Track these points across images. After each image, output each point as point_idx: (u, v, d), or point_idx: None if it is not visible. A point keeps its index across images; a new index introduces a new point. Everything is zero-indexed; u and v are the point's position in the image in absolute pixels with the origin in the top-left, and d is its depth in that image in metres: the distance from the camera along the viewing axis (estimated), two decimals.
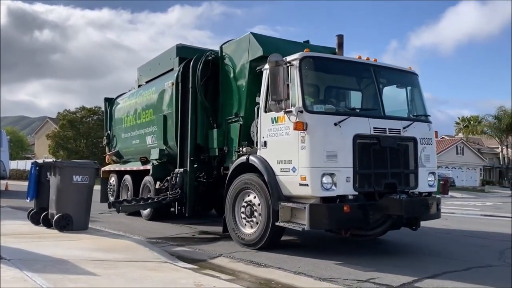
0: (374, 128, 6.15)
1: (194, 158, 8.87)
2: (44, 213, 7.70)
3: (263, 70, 6.76)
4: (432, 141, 6.81)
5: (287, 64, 6.07)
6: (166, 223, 9.44)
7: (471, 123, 60.71)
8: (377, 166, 6.11)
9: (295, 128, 5.85)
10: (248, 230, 6.63)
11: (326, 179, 5.71)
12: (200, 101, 8.79)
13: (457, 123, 65.85)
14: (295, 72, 6.09)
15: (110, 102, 13.51)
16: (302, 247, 7.14)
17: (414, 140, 6.50)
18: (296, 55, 6.18)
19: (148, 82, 11.63)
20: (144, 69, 11.98)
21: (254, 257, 5.94)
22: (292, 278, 4.95)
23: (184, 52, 9.87)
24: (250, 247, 6.48)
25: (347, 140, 5.89)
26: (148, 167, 10.14)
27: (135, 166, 11.08)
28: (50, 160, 11.14)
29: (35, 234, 6.96)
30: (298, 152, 5.87)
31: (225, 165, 8.15)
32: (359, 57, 6.82)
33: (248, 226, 6.65)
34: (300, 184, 5.84)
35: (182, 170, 8.90)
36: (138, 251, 5.87)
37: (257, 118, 6.84)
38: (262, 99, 6.69)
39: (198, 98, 8.82)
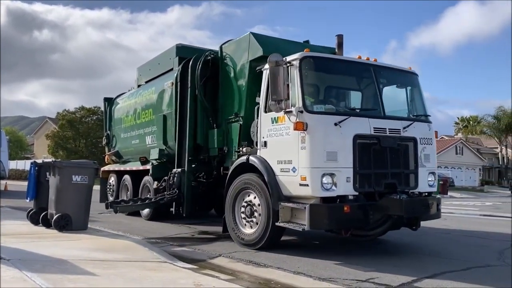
0: (374, 128, 6.15)
1: (192, 158, 8.85)
2: (44, 213, 7.69)
3: (263, 70, 6.76)
4: (432, 141, 6.81)
5: (287, 64, 6.06)
6: (165, 223, 9.43)
7: (471, 123, 60.72)
8: (377, 166, 6.10)
9: (295, 128, 5.85)
10: (248, 230, 6.63)
11: (326, 179, 5.71)
12: (200, 100, 8.78)
13: (456, 123, 65.87)
14: (295, 72, 6.09)
15: (110, 102, 13.50)
16: (301, 247, 7.13)
17: (414, 140, 6.50)
18: (296, 55, 6.18)
19: (147, 82, 11.62)
20: (144, 69, 11.97)
21: (254, 257, 5.94)
22: (292, 278, 4.95)
23: (183, 52, 9.86)
24: (250, 247, 6.47)
25: (347, 140, 5.88)
26: (148, 167, 10.13)
27: (135, 166, 11.08)
28: (50, 160, 11.12)
29: (35, 234, 6.95)
30: (298, 152, 5.87)
31: (225, 165, 8.14)
32: (359, 57, 6.82)
33: (248, 226, 6.64)
34: (300, 184, 5.83)
35: (179, 170, 8.89)
36: (138, 251, 5.86)
37: (257, 118, 6.83)
38: (262, 99, 6.68)
39: (197, 98, 8.81)
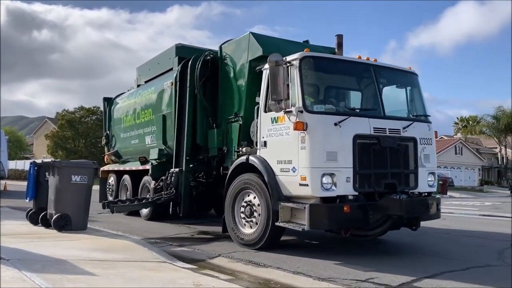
0: (374, 128, 6.14)
1: (190, 157, 8.84)
2: (43, 213, 7.68)
3: (263, 70, 6.75)
4: (432, 141, 6.80)
5: (287, 64, 6.06)
6: (165, 223, 9.43)
7: (470, 123, 60.76)
8: (377, 166, 6.10)
9: (295, 128, 5.84)
10: (248, 230, 6.62)
11: (326, 179, 5.70)
12: (199, 100, 8.78)
13: (455, 123, 65.92)
14: (295, 72, 6.08)
15: (109, 102, 13.49)
16: (301, 247, 7.12)
17: (414, 140, 6.50)
18: (296, 55, 6.17)
19: (147, 81, 11.61)
20: (143, 69, 11.96)
21: (253, 257, 5.93)
22: (291, 278, 4.94)
23: (183, 51, 9.85)
24: (250, 247, 6.47)
25: (347, 140, 5.88)
26: (147, 167, 10.12)
27: (134, 166, 11.07)
28: (49, 160, 11.12)
29: (34, 234, 6.94)
30: (298, 152, 5.86)
31: (224, 165, 8.13)
32: (359, 57, 6.81)
33: (248, 226, 6.64)
34: (300, 184, 5.83)
35: (177, 169, 8.87)
36: (137, 251, 5.86)
37: (257, 118, 6.82)
38: (262, 99, 6.68)
39: (197, 98, 8.80)
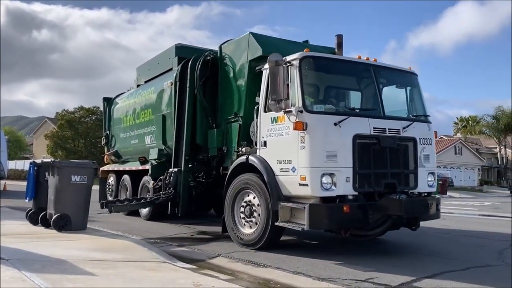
0: (374, 128, 6.14)
1: (189, 157, 8.84)
2: (43, 213, 7.68)
3: (262, 70, 6.75)
4: (432, 141, 6.80)
5: (287, 64, 6.05)
6: (164, 223, 9.42)
7: (470, 123, 60.75)
8: (376, 166, 6.10)
9: (295, 128, 5.84)
10: (247, 230, 6.62)
11: (326, 179, 5.70)
12: (199, 100, 8.78)
13: (455, 123, 65.91)
14: (295, 71, 6.08)
15: (109, 102, 13.49)
16: (301, 247, 7.12)
17: (414, 140, 6.49)
18: (296, 55, 6.17)
19: (147, 81, 11.61)
20: (143, 68, 11.96)
21: (253, 257, 5.93)
22: (291, 278, 4.94)
23: (183, 51, 9.86)
24: (249, 247, 6.47)
25: (347, 140, 5.88)
26: (147, 167, 10.12)
27: (134, 166, 11.06)
28: (49, 160, 11.11)
29: (34, 234, 6.93)
30: (298, 152, 5.86)
31: (224, 165, 8.13)
32: (359, 57, 6.81)
33: (247, 226, 6.64)
34: (300, 184, 5.82)
35: (176, 169, 8.87)
36: (137, 251, 5.85)
37: (256, 118, 6.82)
38: (261, 99, 6.67)
39: (197, 98, 8.80)
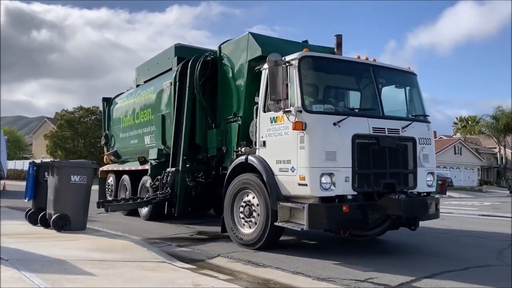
0: (373, 128, 6.14)
1: (187, 157, 8.83)
2: (42, 213, 7.67)
3: (262, 69, 6.75)
4: (431, 141, 6.81)
5: (286, 64, 6.06)
6: (164, 223, 9.42)
7: (469, 123, 60.75)
8: (376, 166, 6.10)
9: (294, 128, 5.84)
10: (247, 230, 6.62)
11: (325, 179, 5.70)
12: (199, 100, 8.77)
13: (455, 123, 65.91)
14: (294, 71, 6.08)
15: (108, 102, 13.48)
16: (300, 247, 7.13)
17: (413, 140, 6.49)
18: (295, 55, 6.17)
19: (146, 82, 11.61)
20: (143, 68, 11.96)
21: (253, 257, 5.93)
22: (291, 278, 4.94)
23: (182, 52, 9.86)
24: (249, 247, 6.47)
25: (346, 140, 5.88)
26: (146, 167, 10.12)
27: (133, 166, 11.06)
28: (48, 160, 11.10)
29: (33, 234, 6.93)
30: (297, 152, 5.86)
31: (223, 165, 8.14)
32: (358, 57, 6.81)
33: (247, 226, 6.64)
34: (299, 184, 5.83)
35: (173, 169, 8.87)
36: (136, 251, 5.85)
37: (256, 118, 6.82)
38: (261, 99, 6.68)
39: (196, 98, 8.80)
